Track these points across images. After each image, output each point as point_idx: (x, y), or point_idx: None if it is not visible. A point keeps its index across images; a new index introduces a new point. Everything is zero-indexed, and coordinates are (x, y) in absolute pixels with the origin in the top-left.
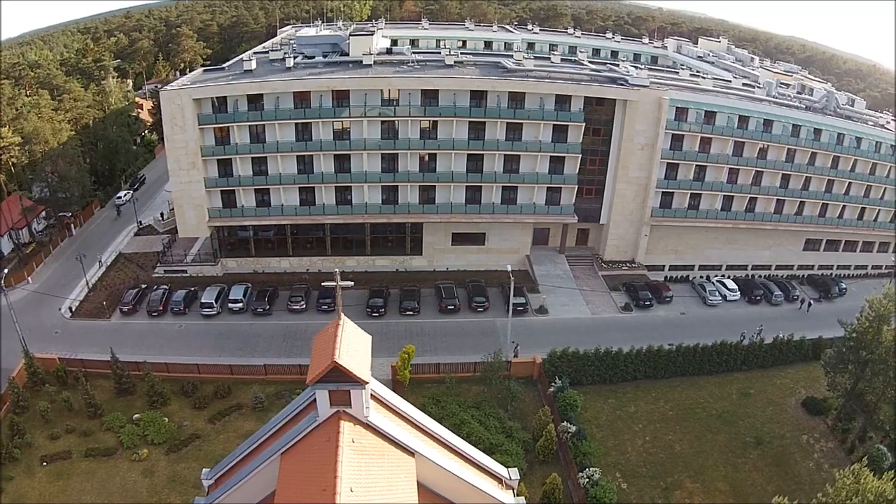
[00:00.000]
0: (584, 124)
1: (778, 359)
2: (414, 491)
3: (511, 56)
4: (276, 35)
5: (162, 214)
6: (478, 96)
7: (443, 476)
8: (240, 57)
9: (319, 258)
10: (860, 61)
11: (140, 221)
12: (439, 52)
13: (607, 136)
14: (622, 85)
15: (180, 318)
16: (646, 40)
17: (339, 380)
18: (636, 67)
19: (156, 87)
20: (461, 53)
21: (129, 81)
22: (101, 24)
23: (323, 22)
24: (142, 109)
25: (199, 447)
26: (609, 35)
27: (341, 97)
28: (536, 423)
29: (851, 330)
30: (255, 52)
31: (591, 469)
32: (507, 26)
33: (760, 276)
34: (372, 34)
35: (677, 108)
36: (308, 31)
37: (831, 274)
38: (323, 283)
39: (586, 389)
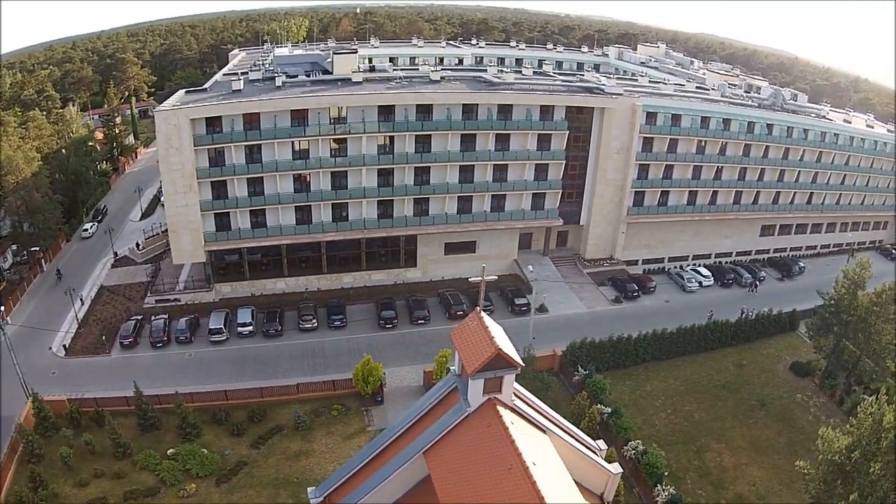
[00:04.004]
0: (567, 132)
1: (761, 332)
2: (561, 462)
3: (486, 70)
4: (226, 59)
5: (137, 245)
6: (468, 109)
7: (562, 449)
8: (214, 78)
9: (316, 277)
10: (781, 55)
11: (116, 252)
12: (417, 69)
13: (586, 142)
14: (599, 94)
15: (186, 346)
16: (585, 49)
17: (498, 366)
18: (607, 76)
19: (101, 116)
20: (441, 69)
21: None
22: (25, 59)
23: (274, 44)
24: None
25: (251, 474)
26: (550, 46)
27: (338, 114)
28: (575, 408)
29: (830, 298)
30: (224, 74)
31: (634, 442)
32: (453, 42)
33: (727, 263)
34: (355, 52)
35: (648, 112)
36: (282, 51)
37: (789, 255)
38: (470, 279)
39: (604, 374)
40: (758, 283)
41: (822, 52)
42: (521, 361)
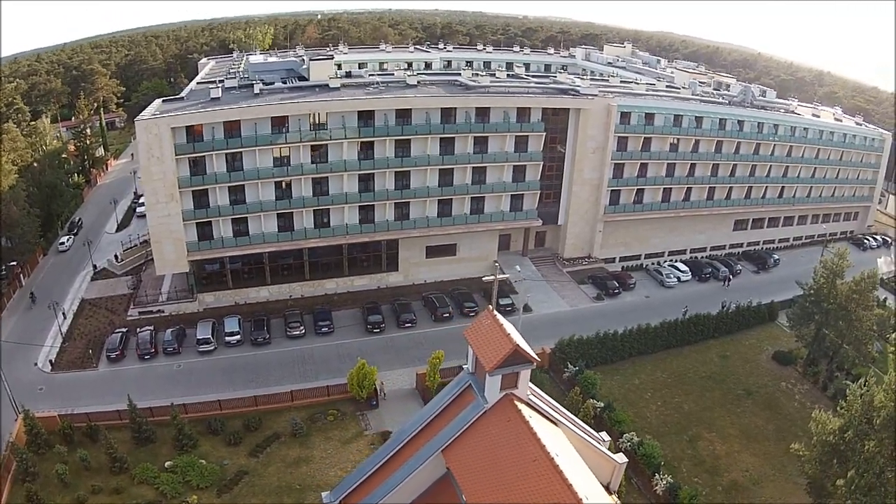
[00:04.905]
0: (544, 133)
1: (741, 324)
2: (576, 453)
3: (461, 73)
4: (192, 69)
5: (116, 256)
6: (446, 113)
7: (572, 440)
8: (189, 87)
9: (299, 284)
10: (744, 51)
11: (95, 265)
12: (392, 74)
13: (562, 142)
14: (575, 95)
15: (175, 357)
16: (551, 50)
17: (515, 362)
18: (580, 77)
19: (70, 129)
20: (416, 74)
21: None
22: None
23: (244, 52)
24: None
25: (252, 483)
26: (516, 48)
27: (318, 120)
28: (569, 403)
29: (809, 287)
30: (198, 83)
31: (628, 434)
32: (421, 46)
33: (704, 257)
34: (331, 58)
35: (622, 112)
36: (256, 59)
37: (762, 248)
38: (484, 278)
39: (593, 370)
40: (731, 277)
41: (786, 47)
42: (535, 357)
